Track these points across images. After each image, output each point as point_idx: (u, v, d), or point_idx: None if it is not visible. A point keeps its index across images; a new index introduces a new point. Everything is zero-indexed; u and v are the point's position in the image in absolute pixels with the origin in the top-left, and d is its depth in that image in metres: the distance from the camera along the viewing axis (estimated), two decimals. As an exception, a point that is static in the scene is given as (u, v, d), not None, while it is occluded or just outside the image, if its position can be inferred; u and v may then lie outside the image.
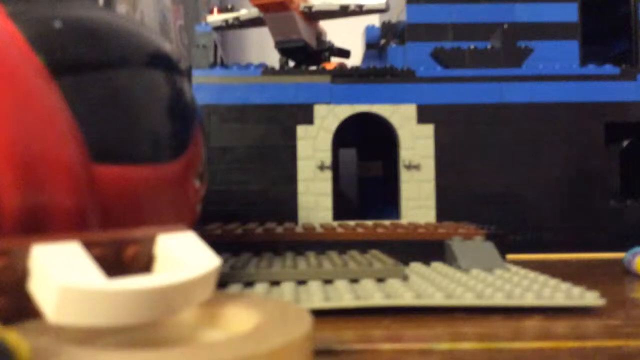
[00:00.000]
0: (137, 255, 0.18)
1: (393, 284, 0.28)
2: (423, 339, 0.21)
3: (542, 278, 0.28)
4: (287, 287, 0.27)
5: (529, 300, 0.24)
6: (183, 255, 0.18)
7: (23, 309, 0.16)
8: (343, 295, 0.25)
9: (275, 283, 0.29)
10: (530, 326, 0.23)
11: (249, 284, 0.28)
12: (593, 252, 0.48)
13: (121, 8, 0.57)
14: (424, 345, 0.21)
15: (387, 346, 0.21)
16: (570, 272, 0.37)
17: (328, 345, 0.20)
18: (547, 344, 0.21)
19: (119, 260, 0.17)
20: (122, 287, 0.14)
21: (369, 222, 0.46)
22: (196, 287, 0.16)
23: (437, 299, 0.24)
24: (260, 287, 0.27)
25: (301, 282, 0.29)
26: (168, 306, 0.16)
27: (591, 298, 0.25)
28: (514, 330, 0.22)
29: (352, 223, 0.46)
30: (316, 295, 0.25)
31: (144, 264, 0.18)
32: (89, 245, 0.16)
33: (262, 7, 0.51)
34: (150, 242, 0.18)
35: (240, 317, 0.17)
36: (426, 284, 0.27)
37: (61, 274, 0.14)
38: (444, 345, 0.21)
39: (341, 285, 0.28)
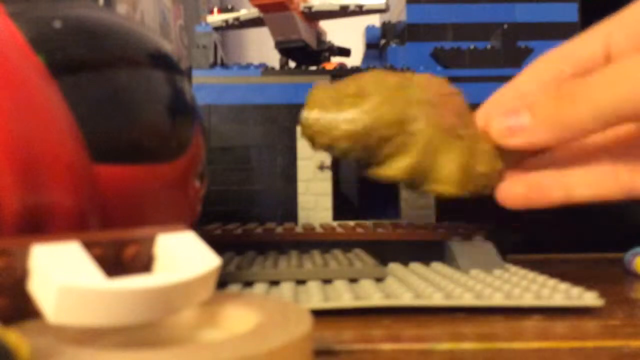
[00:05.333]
0: (137, 255, 0.18)
1: (392, 284, 0.28)
2: (423, 339, 0.21)
3: (541, 278, 0.28)
4: (287, 287, 0.27)
5: (528, 300, 0.24)
6: (183, 255, 0.18)
7: (23, 309, 0.16)
8: (342, 295, 0.25)
9: (275, 283, 0.29)
10: (530, 326, 0.23)
11: (249, 284, 0.28)
12: (593, 252, 0.48)
13: (121, 8, 0.57)
14: (424, 345, 0.21)
15: (387, 346, 0.21)
16: (570, 272, 0.37)
17: (328, 345, 0.20)
18: (547, 344, 0.21)
19: (119, 260, 0.17)
20: (122, 287, 0.14)
21: (369, 222, 0.46)
22: (196, 287, 0.16)
23: (436, 300, 0.25)
24: (260, 287, 0.27)
25: (300, 282, 0.29)
26: (168, 306, 0.16)
27: (590, 298, 0.25)
28: (513, 331, 0.22)
29: (352, 223, 0.46)
30: (315, 296, 0.25)
31: (144, 264, 0.18)
32: (89, 245, 0.16)
33: (262, 7, 0.51)
34: (150, 242, 0.18)
35: (240, 317, 0.17)
36: (425, 284, 0.27)
37: (61, 274, 0.14)
38: (444, 345, 0.21)
39: (341, 285, 0.28)
